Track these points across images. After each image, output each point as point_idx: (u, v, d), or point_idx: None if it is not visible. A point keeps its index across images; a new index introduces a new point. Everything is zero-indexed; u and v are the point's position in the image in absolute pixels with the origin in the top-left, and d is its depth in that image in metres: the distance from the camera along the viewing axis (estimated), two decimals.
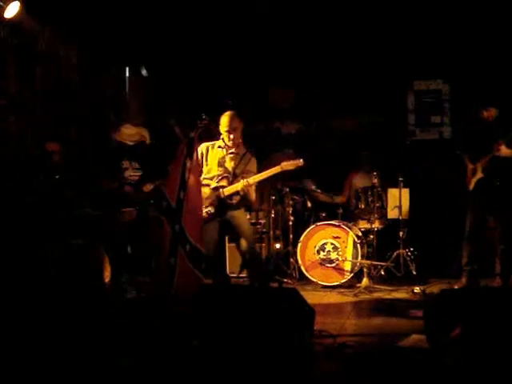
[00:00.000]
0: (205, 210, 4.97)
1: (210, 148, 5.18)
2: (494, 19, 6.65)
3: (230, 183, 5.07)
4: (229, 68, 7.52)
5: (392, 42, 7.21)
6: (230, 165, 5.12)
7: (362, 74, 7.49)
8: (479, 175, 5.63)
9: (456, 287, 5.68)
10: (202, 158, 5.15)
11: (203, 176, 5.11)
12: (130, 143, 5.95)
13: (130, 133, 5.98)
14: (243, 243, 5.08)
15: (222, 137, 5.12)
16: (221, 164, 5.13)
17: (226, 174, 5.09)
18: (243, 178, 5.05)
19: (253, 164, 5.18)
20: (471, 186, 5.71)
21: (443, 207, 6.90)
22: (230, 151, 5.12)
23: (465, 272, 5.75)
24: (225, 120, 5.08)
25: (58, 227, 5.31)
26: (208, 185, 5.08)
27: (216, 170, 5.12)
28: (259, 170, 5.17)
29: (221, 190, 5.06)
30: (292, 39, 7.16)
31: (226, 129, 5.06)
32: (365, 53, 7.33)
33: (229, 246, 6.55)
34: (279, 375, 3.27)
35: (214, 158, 5.14)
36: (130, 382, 3.29)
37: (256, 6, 6.46)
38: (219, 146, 5.16)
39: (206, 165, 5.17)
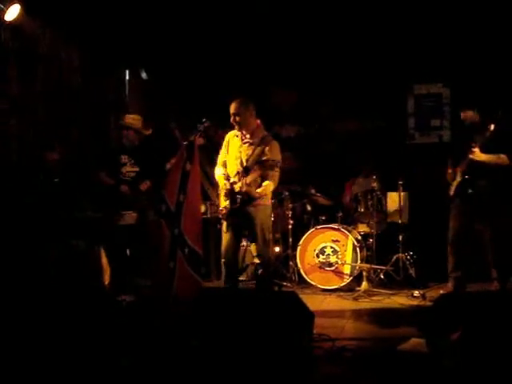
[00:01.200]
0: (223, 206, 4.88)
1: (230, 138, 5.06)
2: (494, 23, 6.67)
3: (241, 179, 4.89)
4: (229, 70, 7.53)
5: (393, 46, 7.22)
6: (244, 156, 4.94)
7: (363, 77, 7.50)
8: (458, 179, 5.56)
9: (442, 292, 5.65)
10: (227, 147, 5.06)
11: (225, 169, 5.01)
12: (137, 128, 5.90)
13: (134, 117, 5.96)
14: (254, 245, 4.96)
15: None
16: (237, 156, 4.97)
17: (240, 169, 4.90)
18: (262, 168, 4.83)
19: (273, 150, 4.92)
20: (452, 192, 5.64)
21: (443, 211, 6.89)
22: (245, 141, 4.97)
23: (451, 278, 5.71)
24: (231, 105, 4.96)
25: (58, 228, 5.31)
26: (228, 179, 4.94)
27: (234, 164, 4.97)
28: None
29: (234, 185, 4.89)
30: (293, 42, 7.17)
31: (230, 112, 4.92)
32: (365, 56, 7.34)
33: None
34: (279, 379, 3.27)
35: (233, 148, 5.01)
36: (130, 381, 3.30)
37: (257, 7, 6.46)
38: (236, 136, 5.03)
39: (227, 154, 5.06)
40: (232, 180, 4.92)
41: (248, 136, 4.97)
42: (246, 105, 4.96)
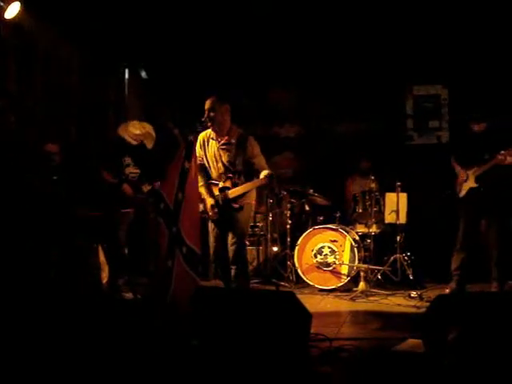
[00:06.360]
0: (210, 212, 4.93)
1: (205, 139, 5.06)
2: (493, 24, 6.68)
3: (234, 184, 4.93)
4: (229, 69, 7.53)
5: (392, 47, 7.24)
6: (225, 158, 4.97)
7: (362, 78, 7.52)
8: (471, 184, 5.67)
9: (448, 291, 5.73)
10: (201, 148, 5.05)
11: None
12: (132, 142, 5.85)
13: (135, 132, 5.88)
14: (232, 239, 4.97)
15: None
16: (217, 160, 5.00)
17: (230, 174, 4.93)
18: (253, 163, 4.93)
19: (255, 146, 5.01)
20: (462, 194, 5.76)
21: (440, 212, 6.91)
22: (222, 143, 4.98)
23: (454, 277, 5.77)
24: (206, 101, 4.96)
25: (57, 228, 5.30)
26: (216, 184, 4.97)
27: (215, 167, 5.00)
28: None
29: (226, 191, 4.92)
30: (293, 42, 7.18)
31: (205, 107, 4.92)
32: (365, 56, 7.36)
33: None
34: (275, 378, 3.27)
35: (210, 152, 5.02)
36: (130, 381, 3.29)
37: (256, 7, 6.47)
38: (212, 138, 5.03)
39: (205, 157, 5.05)
40: (225, 185, 4.94)
41: (226, 138, 4.98)
42: (221, 103, 4.98)
